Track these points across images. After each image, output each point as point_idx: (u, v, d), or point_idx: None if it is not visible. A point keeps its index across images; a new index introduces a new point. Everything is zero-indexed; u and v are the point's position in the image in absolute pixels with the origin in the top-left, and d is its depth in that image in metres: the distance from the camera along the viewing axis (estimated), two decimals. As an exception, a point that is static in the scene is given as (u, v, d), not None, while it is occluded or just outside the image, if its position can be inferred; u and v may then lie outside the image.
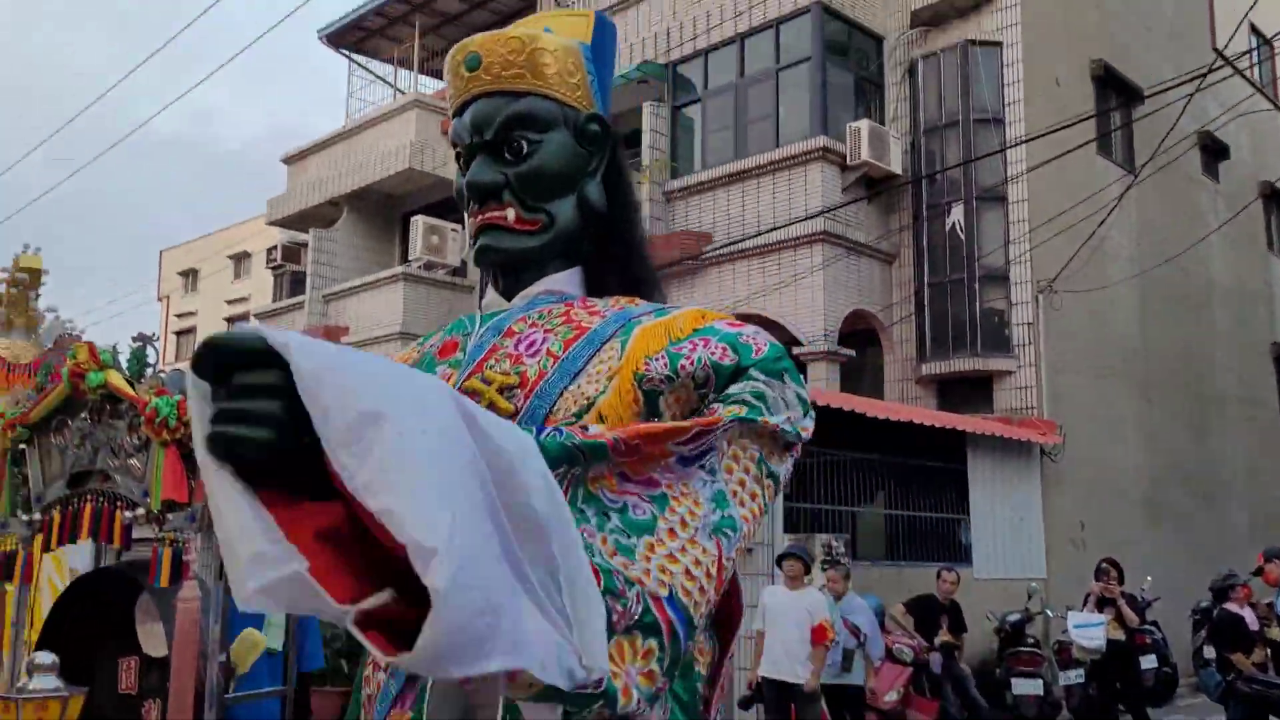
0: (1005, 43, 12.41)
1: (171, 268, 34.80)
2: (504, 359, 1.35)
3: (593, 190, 1.46)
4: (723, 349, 1.27)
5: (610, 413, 1.25)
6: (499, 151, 1.42)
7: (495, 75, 1.42)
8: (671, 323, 1.33)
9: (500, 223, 1.41)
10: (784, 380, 1.25)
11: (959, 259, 12.19)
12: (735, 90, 13.37)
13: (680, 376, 1.26)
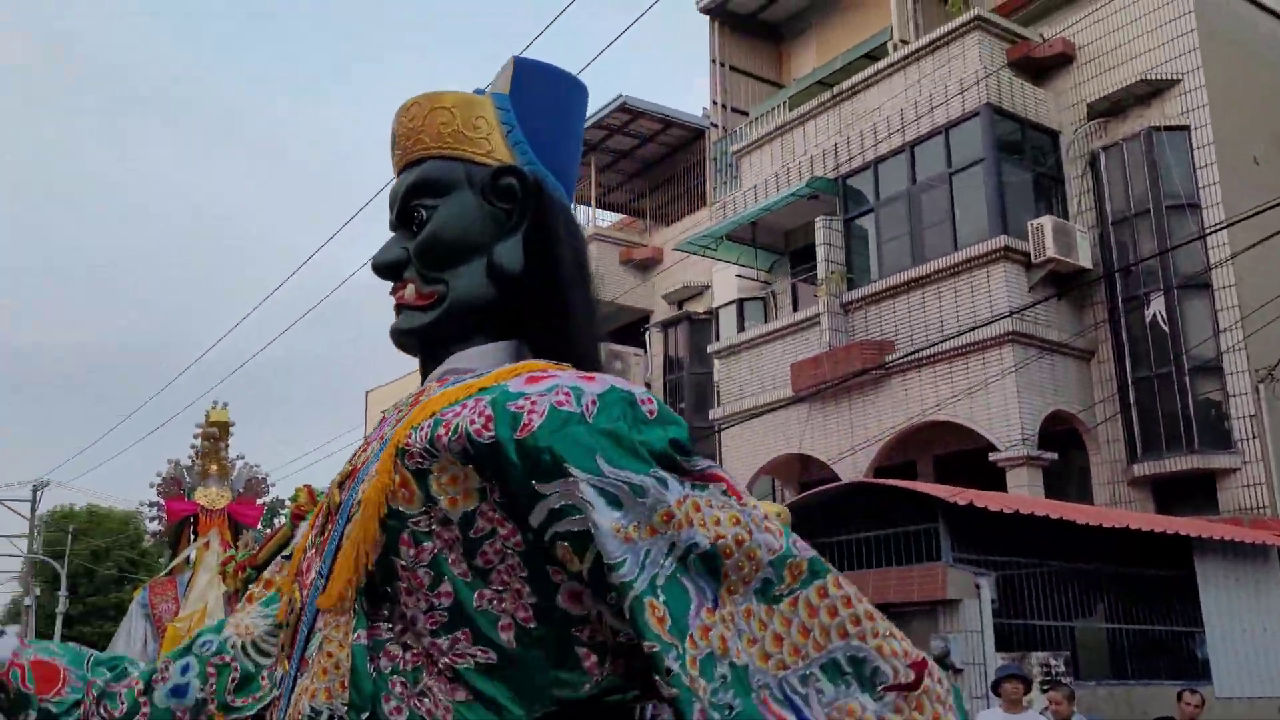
0: (1193, 125, 11.94)
1: (376, 407, 36.85)
2: (360, 450, 1.24)
3: (505, 251, 1.24)
4: (485, 417, 1.02)
5: (370, 498, 1.07)
6: (408, 225, 1.27)
7: (402, 149, 1.30)
8: (473, 383, 1.12)
9: (403, 301, 1.26)
10: (564, 471, 0.98)
11: (1164, 352, 11.54)
12: (908, 197, 13.30)
13: (439, 450, 1.04)
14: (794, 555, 0.99)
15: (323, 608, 1.10)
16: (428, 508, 1.04)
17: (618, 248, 18.40)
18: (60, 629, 29.67)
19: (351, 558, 1.07)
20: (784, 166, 14.90)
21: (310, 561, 1.18)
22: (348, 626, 1.07)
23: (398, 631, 1.06)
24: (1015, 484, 11.30)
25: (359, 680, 1.04)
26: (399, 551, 1.05)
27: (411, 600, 1.04)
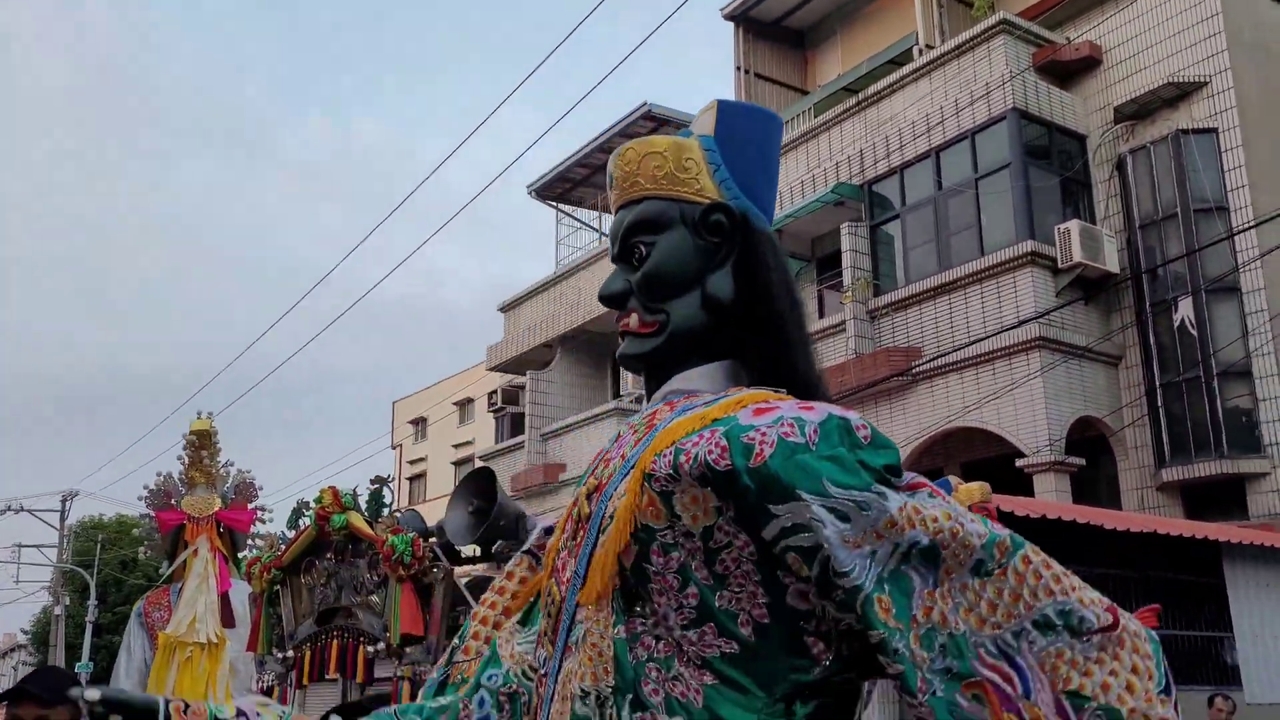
0: (1221, 128, 11.84)
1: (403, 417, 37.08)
2: (603, 463, 1.39)
3: (717, 282, 1.39)
4: (721, 448, 1.16)
5: (621, 515, 1.22)
6: (629, 260, 1.43)
7: (621, 190, 1.45)
8: (701, 414, 1.25)
9: (628, 329, 1.42)
10: (796, 495, 1.12)
11: (1192, 356, 11.44)
12: (934, 203, 13.27)
13: (681, 476, 1.18)
14: (999, 536, 1.14)
15: (582, 603, 1.26)
16: (672, 523, 1.20)
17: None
18: (90, 638, 30.03)
19: (607, 564, 1.23)
20: (809, 173, 14.91)
21: (564, 561, 1.34)
22: (607, 621, 1.23)
23: (651, 625, 1.21)
24: (1043, 489, 11.23)
25: (622, 668, 1.20)
26: (650, 560, 1.21)
27: (663, 600, 1.20)
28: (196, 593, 5.26)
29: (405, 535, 3.82)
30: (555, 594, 1.34)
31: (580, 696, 1.21)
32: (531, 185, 20.00)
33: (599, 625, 1.23)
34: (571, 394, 19.00)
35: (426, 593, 3.81)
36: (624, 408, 16.89)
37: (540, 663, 1.38)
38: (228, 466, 5.55)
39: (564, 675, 1.26)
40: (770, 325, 1.39)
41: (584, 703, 1.21)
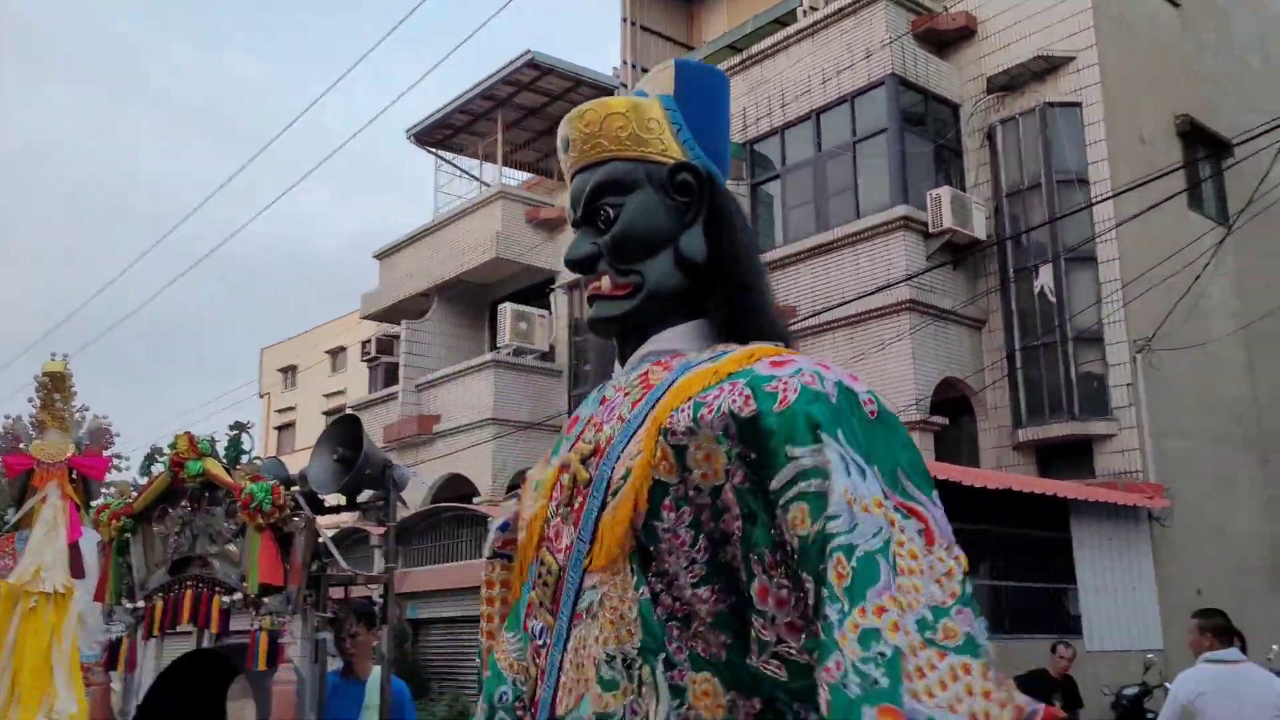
0: (1085, 103, 12.30)
1: (271, 364, 36.02)
2: (592, 428, 1.38)
3: (689, 241, 1.40)
4: (745, 396, 1.16)
5: (640, 470, 1.22)
6: (594, 222, 1.42)
7: (580, 151, 1.44)
8: (712, 369, 1.25)
9: (599, 292, 1.41)
10: (819, 437, 1.11)
11: (1050, 322, 11.94)
12: (813, 165, 13.46)
13: (701, 427, 1.18)
14: (949, 616, 1.06)
15: (595, 569, 1.25)
16: (683, 477, 1.20)
17: (524, 206, 18.23)
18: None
19: (620, 523, 1.22)
20: (692, 129, 14.90)
21: (558, 529, 1.33)
22: (627, 584, 1.22)
23: (665, 585, 1.21)
24: (907, 447, 11.61)
25: (649, 628, 1.20)
26: (661, 516, 1.21)
27: (672, 559, 1.20)
28: (44, 541, 5.01)
29: (265, 483, 3.69)
30: (552, 563, 1.33)
31: (606, 660, 1.20)
32: (410, 130, 19.48)
33: (617, 589, 1.23)
34: (448, 345, 18.73)
35: (286, 542, 3.69)
36: (501, 360, 16.74)
37: (536, 634, 1.34)
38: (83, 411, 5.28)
39: (575, 643, 1.25)
40: (743, 283, 1.40)
41: (610, 666, 1.20)
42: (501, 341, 16.95)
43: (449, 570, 13.25)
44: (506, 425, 16.43)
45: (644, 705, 1.18)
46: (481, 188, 19.66)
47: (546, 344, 17.25)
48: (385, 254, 20.25)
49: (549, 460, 1.48)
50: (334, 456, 4.06)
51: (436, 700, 12.17)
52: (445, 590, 13.11)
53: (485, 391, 16.76)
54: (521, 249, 17.70)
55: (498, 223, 17.79)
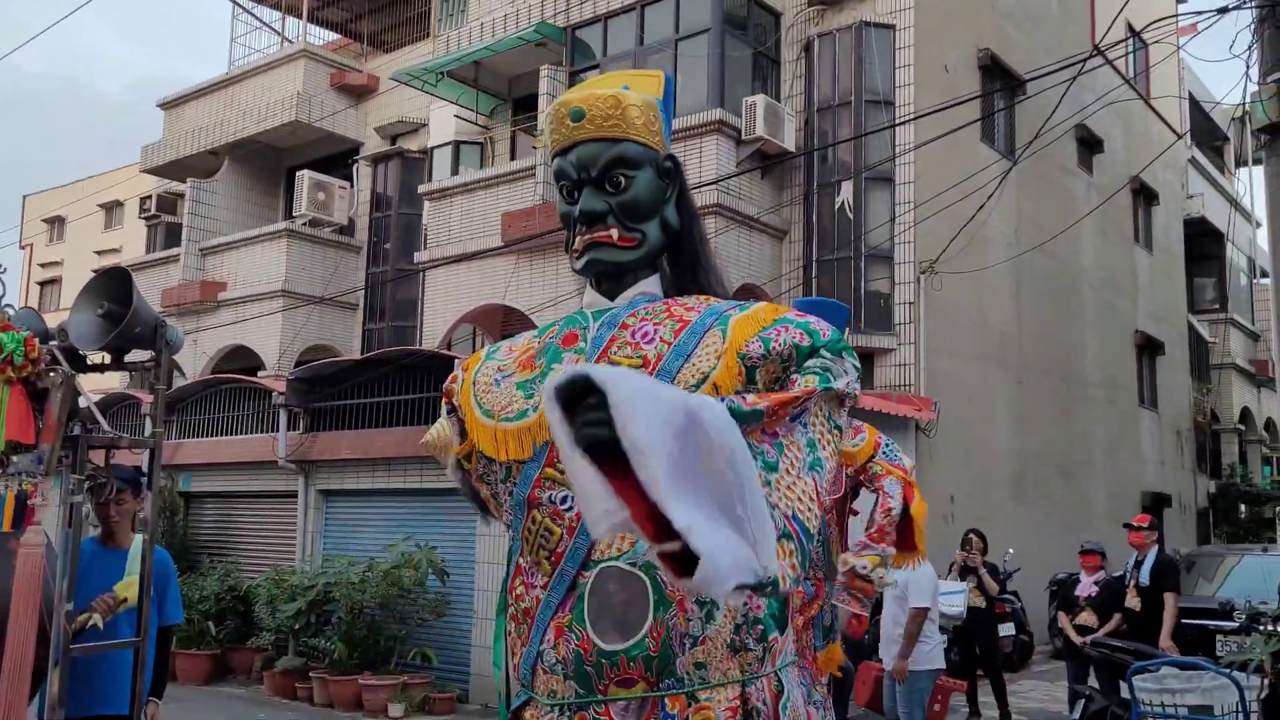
0: (898, 26, 12.62)
1: (36, 213, 33.06)
2: (625, 346, 1.79)
3: (671, 213, 1.92)
4: (800, 334, 1.74)
5: (722, 383, 1.71)
6: (601, 185, 1.85)
7: (597, 125, 1.84)
8: (756, 315, 1.79)
9: (606, 240, 1.85)
10: (842, 356, 1.73)
11: (846, 237, 12.40)
12: (634, 58, 13.29)
13: (771, 354, 1.73)
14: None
15: None
16: (748, 386, 1.71)
17: (329, 69, 17.22)
18: None
19: None
20: (513, 7, 14.41)
21: None
22: None
23: None
24: (701, 348, 11.91)
25: None
26: None
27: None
28: None
29: (17, 333, 3.37)
30: None
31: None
32: None
33: None
34: (238, 209, 17.68)
35: (41, 398, 3.40)
36: (296, 229, 15.96)
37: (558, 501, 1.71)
38: None
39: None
40: (702, 250, 1.96)
41: None
42: (297, 210, 16.14)
43: (227, 444, 12.74)
44: (298, 298, 15.76)
45: None
46: (284, 43, 18.42)
47: (346, 217, 16.54)
48: (172, 104, 18.76)
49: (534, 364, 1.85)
50: (99, 311, 3.74)
51: (207, 575, 11.80)
52: (221, 464, 12.62)
53: (277, 261, 15.97)
54: (324, 114, 16.78)
55: (299, 83, 16.75)
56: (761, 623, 1.68)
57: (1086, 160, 16.69)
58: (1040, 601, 12.17)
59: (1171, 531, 17.09)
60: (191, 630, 10.95)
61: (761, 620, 1.68)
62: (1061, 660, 9.22)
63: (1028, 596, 12.17)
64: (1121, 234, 17.93)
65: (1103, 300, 16.94)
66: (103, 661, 3.81)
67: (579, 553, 1.67)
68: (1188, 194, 21.76)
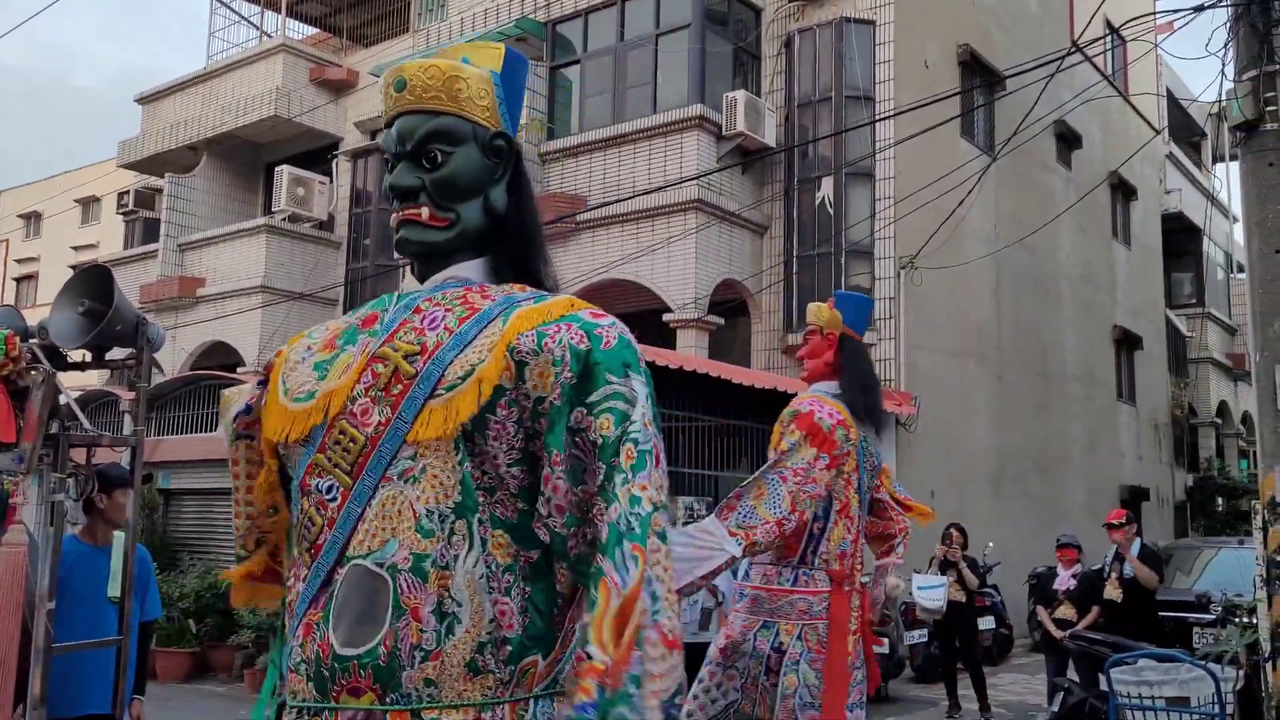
0: (878, 22, 12.67)
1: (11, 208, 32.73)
2: (410, 331, 1.66)
3: (497, 195, 1.77)
4: (580, 335, 1.58)
5: (485, 377, 1.57)
6: (418, 160, 1.72)
7: (418, 96, 1.73)
8: (546, 307, 1.64)
9: (416, 219, 1.72)
10: (628, 374, 1.57)
11: (827, 232, 12.45)
12: (615, 54, 13.29)
13: (543, 352, 1.57)
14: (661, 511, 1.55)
15: (419, 440, 1.56)
16: (518, 385, 1.57)
17: (308, 64, 17.12)
18: None
19: (458, 411, 1.55)
20: (494, 2, 14.38)
21: (365, 407, 1.62)
22: (451, 458, 1.56)
23: (478, 462, 1.57)
24: (684, 344, 11.94)
25: (469, 492, 1.55)
26: (495, 411, 1.56)
27: (496, 443, 1.57)
28: None
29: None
30: (355, 434, 1.61)
31: (426, 515, 1.54)
32: None
33: (440, 460, 1.55)
34: (216, 204, 17.56)
35: (21, 397, 3.38)
36: (275, 225, 15.87)
37: (323, 490, 1.61)
38: None
39: (384, 500, 1.56)
40: (530, 235, 1.81)
41: (429, 519, 1.54)
42: (276, 206, 16.04)
43: (205, 440, 12.68)
44: (277, 294, 15.68)
45: (452, 550, 1.53)
46: (262, 37, 18.30)
47: (325, 212, 16.46)
48: (149, 99, 18.61)
49: (335, 344, 1.74)
50: (79, 309, 3.73)
51: (187, 572, 11.74)
52: (200, 461, 12.55)
53: (256, 257, 15.88)
54: (303, 109, 16.68)
55: (278, 78, 16.64)
56: (511, 643, 1.54)
57: (1065, 156, 16.80)
58: (1019, 595, 12.27)
59: (1149, 525, 17.26)
60: (171, 628, 10.90)
61: (511, 640, 1.54)
62: (1040, 653, 9.30)
63: (1007, 590, 12.26)
64: (1100, 229, 18.06)
65: (1081, 295, 17.06)
66: (85, 660, 3.80)
67: (336, 546, 1.57)
68: (1165, 189, 21.93)
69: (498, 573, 1.55)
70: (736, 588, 4.27)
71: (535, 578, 1.59)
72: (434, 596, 1.52)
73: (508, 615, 1.55)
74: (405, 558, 1.53)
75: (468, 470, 1.55)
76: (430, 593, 1.52)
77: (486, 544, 1.55)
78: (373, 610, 1.52)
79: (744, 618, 4.04)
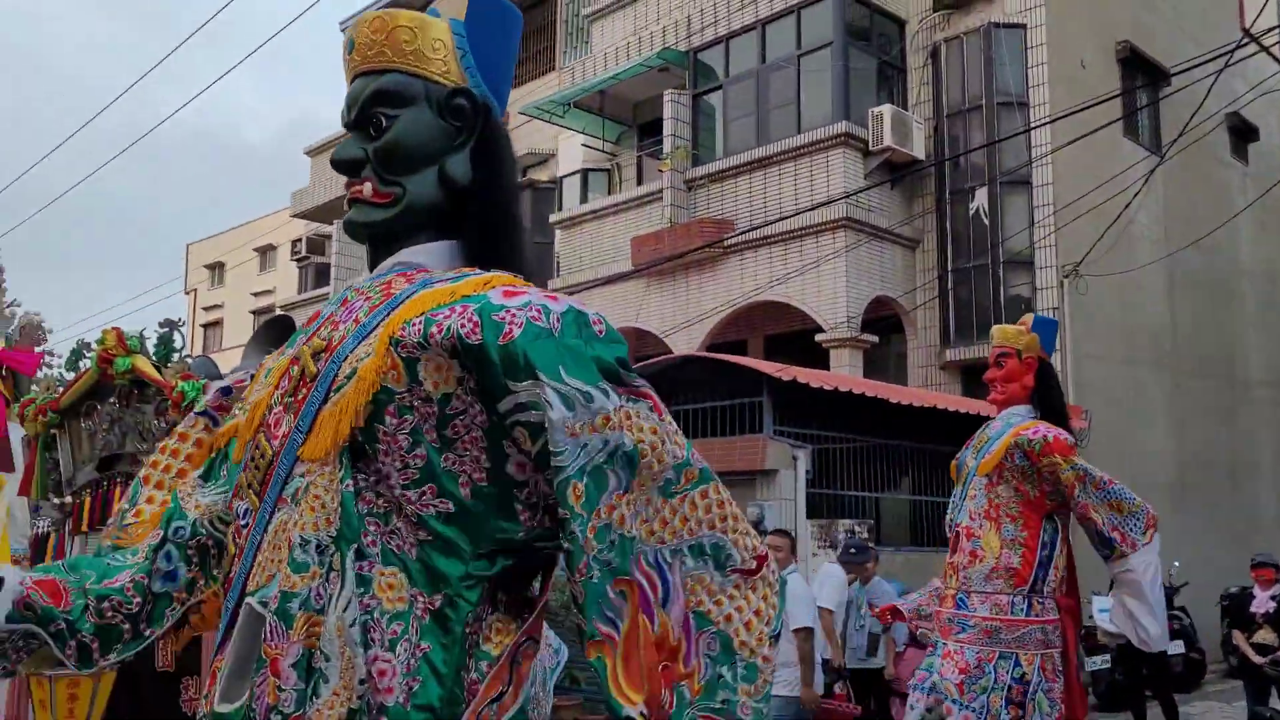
0: (1029, 25, 12.30)
1: (198, 261, 35.09)
2: (327, 325, 1.42)
3: (455, 164, 1.45)
4: (473, 323, 1.24)
5: (368, 375, 1.27)
6: (365, 128, 1.45)
7: (363, 56, 1.46)
8: (450, 289, 1.32)
9: (359, 196, 1.44)
10: (536, 375, 1.21)
11: (983, 244, 12.11)
12: (757, 77, 13.32)
13: (430, 345, 1.25)
14: (690, 464, 1.28)
15: (307, 458, 1.29)
16: (411, 387, 1.27)
17: (462, 107, 17.78)
18: None
19: (340, 420, 1.28)
20: (635, 35, 14.63)
21: (279, 417, 1.36)
22: (334, 475, 1.28)
23: (373, 482, 1.29)
24: (838, 364, 11.80)
25: (348, 518, 1.27)
26: (383, 420, 1.27)
27: (388, 459, 1.28)
28: (-27, 433, 4.90)
29: (196, 381, 3.62)
30: (266, 448, 1.36)
31: (300, 545, 1.26)
32: (344, 22, 18.80)
33: (323, 479, 1.28)
34: (381, 247, 18.41)
35: (218, 442, 3.65)
36: (435, 264, 16.49)
37: (240, 514, 1.38)
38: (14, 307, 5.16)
39: (276, 526, 1.30)
40: (499, 212, 1.47)
41: (303, 550, 1.26)
42: (436, 245, 16.70)
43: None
44: (440, 330, 16.28)
45: (329, 589, 1.24)
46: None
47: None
48: (317, 151, 19.70)
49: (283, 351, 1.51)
50: (266, 357, 4.00)
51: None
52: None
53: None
54: (458, 151, 17.31)
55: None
56: (388, 714, 1.22)
57: (1241, 150, 15.85)
58: (1210, 617, 11.53)
59: (1354, 539, 15.97)
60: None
61: (390, 711, 1.22)
62: (1237, 680, 8.74)
63: (1196, 612, 11.55)
64: (1282, 224, 16.95)
65: (1264, 295, 16.02)
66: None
67: (240, 580, 1.32)
68: (1355, 178, 20.39)
69: (381, 620, 1.24)
70: (953, 616, 4.07)
71: (437, 630, 1.26)
72: (298, 647, 1.22)
73: (387, 676, 1.23)
74: (275, 596, 1.25)
75: (348, 491, 1.27)
76: (294, 642, 1.23)
77: (370, 584, 1.25)
78: (250, 660, 1.26)
79: (977, 649, 3.92)
